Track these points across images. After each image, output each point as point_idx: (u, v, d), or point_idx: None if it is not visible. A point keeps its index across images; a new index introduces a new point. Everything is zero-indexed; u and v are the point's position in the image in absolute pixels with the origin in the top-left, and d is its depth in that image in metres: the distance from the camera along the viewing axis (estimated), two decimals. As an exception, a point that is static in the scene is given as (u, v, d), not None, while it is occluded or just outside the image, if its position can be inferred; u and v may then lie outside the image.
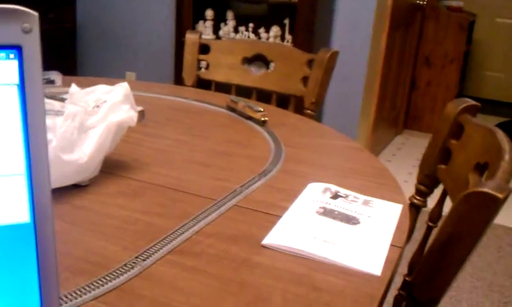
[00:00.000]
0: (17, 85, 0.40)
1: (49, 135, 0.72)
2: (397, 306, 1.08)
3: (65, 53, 3.28)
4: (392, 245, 0.68)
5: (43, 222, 0.40)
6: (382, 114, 3.32)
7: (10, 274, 0.39)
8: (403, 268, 0.95)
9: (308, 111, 1.52)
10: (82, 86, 1.28)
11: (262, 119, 1.06)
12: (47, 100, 0.95)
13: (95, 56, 3.67)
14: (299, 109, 1.53)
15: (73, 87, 0.86)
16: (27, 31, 0.40)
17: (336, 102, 2.98)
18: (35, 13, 0.40)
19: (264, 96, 1.63)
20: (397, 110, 3.81)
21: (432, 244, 0.66)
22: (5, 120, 0.39)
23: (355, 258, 0.64)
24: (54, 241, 0.40)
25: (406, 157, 3.51)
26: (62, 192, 0.74)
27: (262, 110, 1.07)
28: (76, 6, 3.33)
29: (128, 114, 0.80)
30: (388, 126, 3.67)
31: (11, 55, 0.40)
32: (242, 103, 1.12)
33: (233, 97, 1.14)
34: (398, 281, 0.97)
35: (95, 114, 0.78)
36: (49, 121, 0.74)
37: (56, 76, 1.28)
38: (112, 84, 0.85)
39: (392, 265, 0.64)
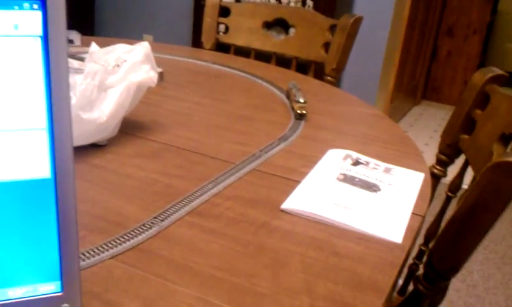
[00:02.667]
0: (41, 37, 0.39)
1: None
2: (411, 275, 1.08)
3: (83, 15, 3.26)
4: (413, 213, 0.67)
5: (64, 178, 0.39)
6: (401, 83, 3.28)
7: (30, 229, 0.39)
8: (419, 238, 0.94)
9: (329, 78, 1.49)
10: (101, 45, 1.27)
11: (299, 111, 0.97)
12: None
13: (112, 18, 3.65)
14: (319, 76, 1.51)
15: (93, 46, 0.85)
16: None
17: (356, 69, 2.94)
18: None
19: (284, 61, 1.61)
20: (416, 80, 3.75)
21: (456, 213, 0.64)
22: (28, 73, 0.38)
23: (376, 225, 0.63)
24: (75, 197, 0.40)
25: (423, 128, 3.47)
26: (80, 151, 0.74)
27: (304, 101, 0.98)
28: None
29: (148, 74, 0.79)
30: (407, 96, 3.62)
31: (35, 6, 0.38)
32: (294, 90, 1.05)
33: (292, 84, 1.07)
34: (413, 251, 0.96)
35: (115, 73, 0.77)
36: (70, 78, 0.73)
37: (74, 35, 1.27)
38: (131, 44, 0.83)
39: (412, 233, 0.63)
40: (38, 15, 0.39)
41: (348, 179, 0.73)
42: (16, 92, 0.38)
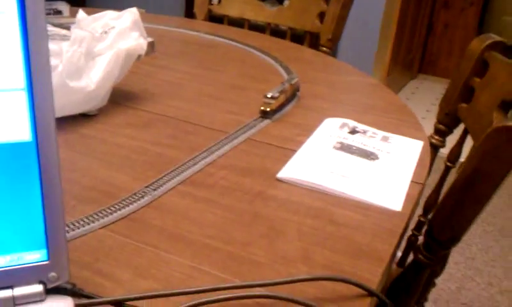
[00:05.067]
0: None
1: (55, 61, 0.69)
2: (410, 246, 1.07)
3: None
4: (412, 181, 0.65)
5: (46, 140, 0.37)
6: (397, 56, 3.25)
7: (12, 195, 0.37)
8: (417, 209, 0.93)
9: (324, 48, 1.46)
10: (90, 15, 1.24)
11: (262, 108, 0.81)
12: (52, 28, 0.92)
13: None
14: (315, 46, 1.48)
15: (80, 14, 0.82)
16: None
17: (352, 42, 2.90)
18: None
19: (278, 33, 1.58)
20: (412, 53, 3.72)
21: (456, 181, 0.62)
22: (3, 30, 0.36)
23: (374, 194, 0.61)
24: (58, 161, 0.38)
25: (420, 102, 3.45)
26: (69, 121, 0.72)
27: (272, 96, 0.81)
28: None
29: (137, 41, 0.77)
30: (403, 70, 3.59)
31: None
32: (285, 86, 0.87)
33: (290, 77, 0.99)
34: (412, 222, 0.95)
35: (103, 41, 0.74)
36: (55, 46, 0.70)
37: (63, 6, 1.23)
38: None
39: (412, 201, 0.61)
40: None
41: (345, 147, 0.71)
42: (-7, 50, 0.36)
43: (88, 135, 0.70)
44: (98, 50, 0.73)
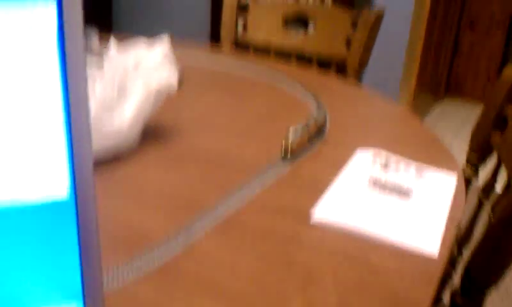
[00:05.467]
0: (57, 34, 0.36)
1: (87, 100, 0.69)
2: (444, 282, 1.04)
3: (100, 14, 3.25)
4: (447, 220, 0.64)
5: (84, 197, 0.37)
6: (423, 79, 3.22)
7: (50, 253, 0.36)
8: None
9: (351, 76, 1.46)
10: (120, 43, 1.25)
11: (283, 149, 0.77)
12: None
13: (130, 16, 3.64)
14: (342, 73, 1.47)
15: (112, 47, 0.83)
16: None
17: (377, 65, 2.89)
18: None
19: (304, 59, 1.57)
20: (438, 76, 3.68)
21: (495, 222, 0.61)
22: (43, 77, 0.35)
23: (410, 236, 0.60)
24: (96, 217, 0.37)
25: (447, 125, 3.41)
26: (102, 164, 0.72)
27: (291, 140, 0.77)
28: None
29: (168, 78, 0.77)
30: (429, 93, 3.56)
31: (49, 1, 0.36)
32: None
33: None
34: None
35: (134, 78, 0.74)
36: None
37: (91, 33, 1.25)
38: (151, 42, 0.81)
39: (448, 243, 0.60)
40: (53, 9, 0.36)
41: (379, 184, 0.70)
42: (31, 100, 0.35)
43: (120, 178, 0.70)
44: (130, 87, 0.74)
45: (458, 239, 1.01)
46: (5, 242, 0.36)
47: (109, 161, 0.72)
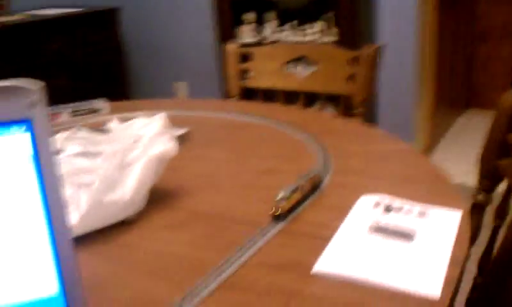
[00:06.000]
0: (32, 157, 0.39)
1: (90, 177, 0.72)
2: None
3: (114, 72, 3.34)
4: (451, 261, 0.64)
5: (73, 292, 0.39)
6: (440, 97, 3.20)
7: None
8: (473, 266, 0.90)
9: (359, 110, 1.47)
10: (128, 110, 1.30)
11: (273, 211, 0.76)
12: (90, 134, 0.96)
13: (143, 71, 3.73)
14: (350, 108, 1.49)
15: (113, 124, 0.86)
16: (34, 104, 0.39)
17: (390, 92, 2.89)
18: (39, 86, 0.39)
19: (313, 96, 1.60)
20: (456, 90, 3.66)
21: (502, 244, 0.61)
22: (23, 195, 0.38)
23: (411, 280, 0.60)
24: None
25: (471, 138, 3.37)
26: (108, 230, 0.74)
27: (280, 198, 0.76)
28: (118, 25, 3.38)
29: (167, 145, 0.79)
30: (449, 108, 3.53)
31: (23, 129, 0.39)
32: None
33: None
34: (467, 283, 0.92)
35: (135, 150, 0.77)
36: (89, 162, 0.74)
37: (102, 104, 1.29)
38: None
39: (452, 284, 0.60)
40: (27, 136, 0.39)
41: (380, 229, 0.71)
42: (14, 214, 0.38)
43: (125, 243, 0.72)
44: (131, 159, 0.76)
45: (479, 264, 0.99)
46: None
47: (116, 228, 0.75)
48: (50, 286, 0.38)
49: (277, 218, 0.76)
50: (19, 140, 0.39)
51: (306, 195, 0.82)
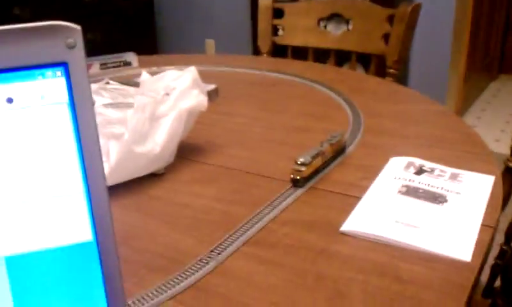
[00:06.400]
0: (67, 103, 0.39)
1: (121, 129, 0.72)
2: (494, 276, 1.02)
3: (145, 26, 3.33)
4: (482, 225, 0.63)
5: (105, 239, 0.39)
6: (474, 60, 3.12)
7: (77, 293, 0.39)
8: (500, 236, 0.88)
9: (391, 70, 1.44)
10: (157, 64, 1.29)
11: (292, 176, 0.74)
12: (120, 87, 0.96)
13: (174, 27, 3.71)
14: (382, 68, 1.46)
15: (144, 75, 0.86)
16: (71, 46, 0.39)
17: (423, 53, 2.82)
18: (78, 27, 0.39)
19: (344, 55, 1.57)
20: (490, 55, 3.56)
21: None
22: (59, 141, 0.38)
23: (441, 243, 0.59)
24: (117, 257, 0.40)
25: (502, 105, 3.29)
26: (138, 182, 0.75)
27: (301, 163, 0.73)
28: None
29: (198, 99, 0.79)
30: (481, 73, 3.45)
31: (58, 73, 0.39)
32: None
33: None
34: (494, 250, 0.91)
35: (165, 102, 0.77)
36: (120, 114, 0.74)
37: (131, 57, 1.29)
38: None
39: (483, 248, 0.59)
40: (62, 81, 0.39)
41: (411, 191, 0.70)
42: (50, 160, 0.38)
43: (155, 196, 0.73)
44: (161, 112, 0.76)
45: (506, 232, 0.98)
46: (42, 281, 0.39)
47: (146, 180, 0.75)
48: (85, 232, 0.39)
49: (296, 183, 0.74)
50: (55, 84, 0.38)
51: (328, 160, 0.79)
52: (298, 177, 0.73)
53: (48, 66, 0.39)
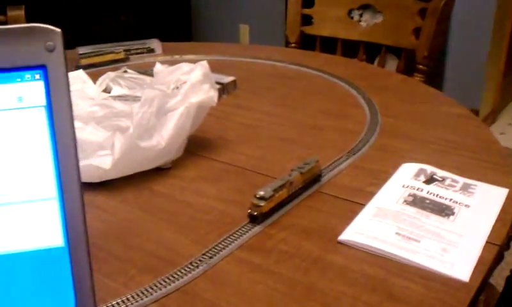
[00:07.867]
0: (44, 106, 0.38)
1: (126, 122, 0.72)
2: (509, 287, 0.98)
3: (179, 10, 3.33)
4: (487, 242, 0.60)
5: (77, 245, 0.39)
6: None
7: (46, 297, 0.39)
8: None
9: (421, 66, 1.39)
10: (181, 53, 1.29)
11: (249, 211, 0.65)
12: (138, 76, 0.96)
13: (208, 11, 3.70)
14: (412, 63, 1.41)
15: (157, 67, 0.86)
16: (51, 49, 0.38)
17: (460, 49, 2.74)
18: (58, 30, 0.38)
19: (373, 47, 1.53)
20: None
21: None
22: (35, 144, 0.38)
23: (440, 260, 0.57)
24: (89, 264, 0.39)
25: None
26: (142, 176, 0.75)
27: (259, 196, 0.64)
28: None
29: (208, 94, 0.78)
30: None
31: (37, 76, 0.38)
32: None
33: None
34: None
35: (175, 96, 0.76)
36: (126, 107, 0.74)
37: (155, 44, 1.29)
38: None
39: (484, 267, 0.56)
40: (41, 85, 0.38)
41: (417, 201, 0.67)
42: (24, 163, 0.38)
43: (157, 191, 0.73)
44: (170, 106, 0.76)
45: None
46: (11, 283, 0.39)
47: (152, 174, 0.75)
48: (56, 237, 0.39)
49: (253, 219, 0.65)
50: (33, 87, 0.38)
51: (296, 192, 0.70)
52: (255, 213, 0.64)
53: (26, 69, 0.39)
